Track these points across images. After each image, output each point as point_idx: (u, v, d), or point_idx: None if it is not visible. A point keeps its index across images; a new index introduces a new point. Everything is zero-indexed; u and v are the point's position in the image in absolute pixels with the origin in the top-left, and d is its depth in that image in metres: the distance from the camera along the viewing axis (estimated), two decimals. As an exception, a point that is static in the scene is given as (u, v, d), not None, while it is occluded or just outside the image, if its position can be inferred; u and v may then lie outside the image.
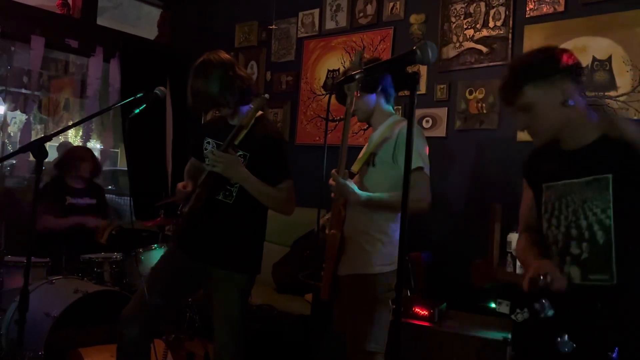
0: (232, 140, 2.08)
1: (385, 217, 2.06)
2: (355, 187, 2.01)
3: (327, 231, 2.10)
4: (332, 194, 2.07)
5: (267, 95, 2.17)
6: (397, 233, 2.07)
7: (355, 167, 2.13)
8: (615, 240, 1.44)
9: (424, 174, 2.01)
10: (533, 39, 3.14)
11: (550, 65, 1.53)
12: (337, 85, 1.71)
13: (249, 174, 2.07)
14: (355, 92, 2.05)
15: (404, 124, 2.06)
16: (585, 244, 1.49)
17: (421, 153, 2.03)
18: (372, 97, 2.14)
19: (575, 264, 1.52)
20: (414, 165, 1.98)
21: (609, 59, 2.91)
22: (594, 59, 2.95)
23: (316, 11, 4.19)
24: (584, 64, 2.97)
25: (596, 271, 1.47)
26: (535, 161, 1.70)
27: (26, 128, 4.55)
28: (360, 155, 2.22)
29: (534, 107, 1.53)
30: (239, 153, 2.12)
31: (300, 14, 4.29)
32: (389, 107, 2.19)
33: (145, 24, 5.43)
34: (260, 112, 2.19)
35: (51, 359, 2.58)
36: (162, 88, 2.19)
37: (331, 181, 2.04)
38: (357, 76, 1.31)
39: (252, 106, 2.13)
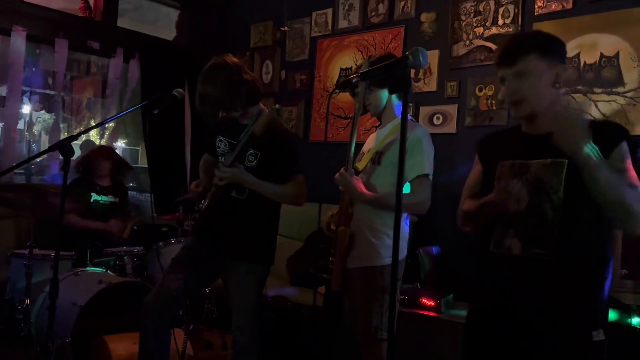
0: (242, 149, 2.18)
1: (391, 213, 2.14)
2: (358, 185, 2.09)
3: (332, 227, 2.20)
4: (340, 187, 2.16)
5: (277, 106, 2.26)
6: (404, 227, 2.16)
7: (360, 165, 2.19)
8: (561, 219, 1.52)
9: (428, 180, 2.10)
10: (541, 36, 3.18)
11: (559, 47, 1.63)
12: (337, 87, 1.78)
13: (255, 180, 2.19)
14: (364, 87, 2.12)
15: (416, 129, 2.14)
16: (532, 219, 1.57)
17: (429, 159, 2.11)
18: (384, 93, 2.19)
19: (517, 236, 1.60)
20: (420, 171, 2.07)
21: (617, 55, 2.94)
22: (602, 56, 2.98)
23: (329, 11, 4.27)
24: (591, 61, 3.02)
25: (538, 245, 1.55)
26: (494, 140, 1.81)
27: (54, 127, 4.71)
28: (365, 151, 2.28)
29: (530, 76, 1.59)
30: (250, 151, 2.23)
31: (314, 14, 4.38)
32: (400, 105, 2.23)
33: (164, 25, 5.56)
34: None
35: (78, 346, 2.72)
36: (180, 90, 2.30)
37: (337, 176, 2.12)
38: (354, 80, 1.41)
39: (262, 115, 2.20)
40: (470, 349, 1.75)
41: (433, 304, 2.65)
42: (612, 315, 2.27)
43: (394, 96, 2.22)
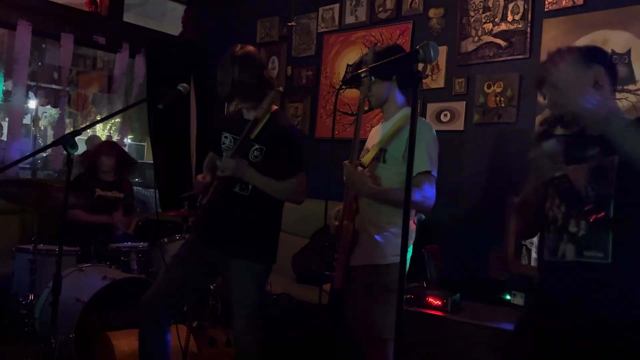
0: (247, 136, 2.15)
1: (397, 209, 2.11)
2: (364, 178, 2.06)
3: (335, 222, 2.17)
4: (344, 178, 2.11)
5: (281, 88, 2.23)
6: (410, 224, 2.13)
7: (365, 159, 2.17)
8: (613, 220, 1.49)
9: (431, 176, 2.06)
10: (552, 33, 3.14)
11: (590, 51, 1.66)
12: (344, 83, 1.76)
13: (256, 174, 2.17)
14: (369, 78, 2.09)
15: (418, 124, 2.10)
16: (583, 222, 1.54)
17: (431, 154, 2.07)
18: (387, 85, 2.16)
19: (571, 241, 1.57)
20: (423, 168, 2.03)
21: (628, 52, 2.89)
22: (613, 53, 2.93)
23: (336, 6, 4.24)
24: (602, 58, 2.97)
25: (592, 248, 1.52)
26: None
27: (60, 122, 4.71)
28: (369, 145, 2.26)
29: (566, 84, 1.55)
30: (255, 146, 2.21)
31: (321, 9, 4.34)
32: (402, 98, 2.21)
33: (170, 20, 5.56)
34: (275, 107, 2.26)
35: (81, 342, 2.72)
36: (185, 85, 2.27)
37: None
38: (363, 75, 1.37)
39: (266, 99, 2.20)
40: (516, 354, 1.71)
41: (440, 303, 2.62)
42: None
43: (397, 89, 2.19)
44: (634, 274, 1.49)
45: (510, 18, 3.33)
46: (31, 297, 2.98)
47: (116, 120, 5.44)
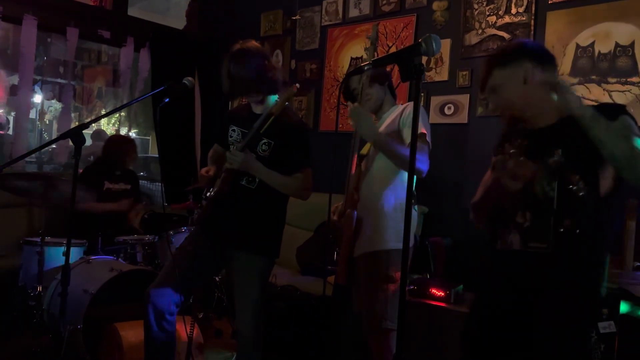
0: (258, 130, 2.17)
1: (397, 196, 2.14)
2: (371, 122, 2.07)
3: (335, 217, 2.20)
4: (351, 121, 2.11)
5: (297, 85, 2.23)
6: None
7: (364, 150, 2.20)
8: (555, 211, 1.55)
9: (425, 140, 2.10)
10: (555, 25, 3.14)
11: (514, 49, 1.73)
12: (348, 75, 1.80)
13: (263, 168, 2.18)
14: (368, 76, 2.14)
15: (409, 105, 2.15)
16: (528, 213, 1.62)
17: (425, 122, 2.12)
18: (382, 89, 2.26)
19: (517, 231, 1.65)
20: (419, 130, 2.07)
21: (632, 44, 2.89)
22: (617, 45, 2.94)
23: (340, -1, 4.24)
24: (606, 50, 2.97)
25: (535, 239, 1.60)
26: (503, 140, 1.85)
27: (65, 116, 4.74)
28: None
29: (501, 88, 1.71)
30: (263, 141, 2.22)
31: (324, 2, 4.34)
32: (393, 100, 2.32)
33: (175, 14, 5.57)
34: (288, 102, 2.28)
35: (89, 333, 2.75)
36: (190, 78, 2.29)
37: (352, 107, 2.10)
38: (365, 68, 1.39)
39: (280, 95, 2.21)
40: (470, 339, 1.79)
41: (443, 294, 2.65)
42: (624, 307, 2.26)
43: (389, 93, 2.30)
44: (572, 263, 1.57)
45: (514, 11, 3.32)
46: (39, 289, 3.02)
47: (121, 114, 5.45)
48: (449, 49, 3.58)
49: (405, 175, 2.12)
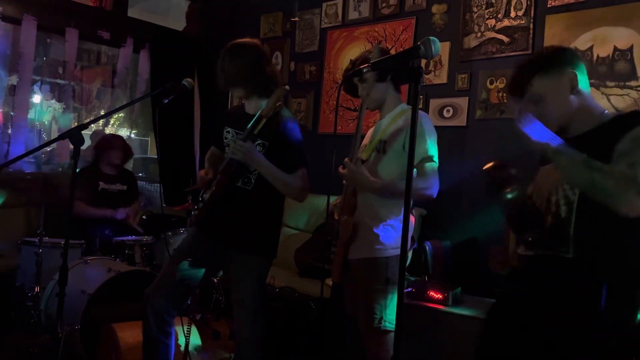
0: (253, 130, 2.16)
1: (397, 202, 2.13)
2: (367, 175, 2.07)
3: (335, 216, 2.19)
4: (344, 182, 2.14)
5: (287, 87, 2.22)
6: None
7: (364, 154, 2.18)
8: (575, 215, 1.53)
9: (433, 163, 2.08)
10: (554, 29, 3.15)
11: (557, 56, 1.63)
12: (347, 78, 1.79)
13: (266, 161, 2.17)
14: (373, 76, 2.11)
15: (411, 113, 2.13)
16: (549, 217, 1.60)
17: (432, 142, 2.09)
18: (383, 86, 2.20)
19: (540, 236, 1.64)
20: (427, 153, 2.05)
21: (631, 48, 2.90)
22: (615, 49, 2.94)
23: (339, 1, 4.24)
24: (605, 54, 2.98)
25: (555, 242, 1.58)
26: None
27: (64, 116, 4.74)
28: (366, 141, 2.28)
29: (545, 98, 1.61)
30: (257, 142, 2.22)
31: (324, 5, 4.35)
32: (398, 96, 2.25)
33: (174, 15, 5.57)
34: (279, 103, 2.28)
35: (86, 333, 2.75)
36: (189, 80, 2.29)
37: (341, 169, 2.10)
38: (365, 70, 1.40)
39: (271, 98, 2.19)
40: (486, 343, 1.77)
41: (441, 297, 2.64)
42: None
43: (392, 88, 2.23)
44: (592, 268, 1.53)
45: (513, 14, 3.33)
46: (37, 289, 3.02)
47: (120, 115, 5.45)
48: (448, 51, 3.59)
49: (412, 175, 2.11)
